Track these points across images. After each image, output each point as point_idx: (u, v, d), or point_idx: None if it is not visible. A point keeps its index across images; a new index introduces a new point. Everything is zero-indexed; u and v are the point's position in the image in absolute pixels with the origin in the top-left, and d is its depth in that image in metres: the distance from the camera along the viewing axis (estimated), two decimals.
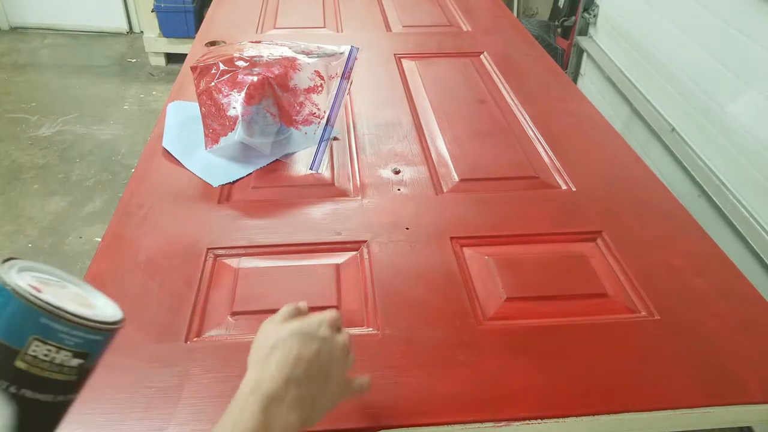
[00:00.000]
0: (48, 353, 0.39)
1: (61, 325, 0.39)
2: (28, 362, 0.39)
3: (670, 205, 0.95)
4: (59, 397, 0.42)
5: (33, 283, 0.41)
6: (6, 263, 0.41)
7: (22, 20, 3.72)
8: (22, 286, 0.39)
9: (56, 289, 0.43)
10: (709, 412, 0.64)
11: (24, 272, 0.42)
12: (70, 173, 2.47)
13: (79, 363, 0.41)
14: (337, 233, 0.86)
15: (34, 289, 0.40)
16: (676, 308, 0.75)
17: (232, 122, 0.98)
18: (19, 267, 0.42)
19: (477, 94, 1.26)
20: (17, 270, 0.41)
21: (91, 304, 0.44)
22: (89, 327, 0.41)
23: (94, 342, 0.42)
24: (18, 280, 0.40)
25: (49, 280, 0.44)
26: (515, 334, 0.71)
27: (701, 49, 1.68)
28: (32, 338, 0.39)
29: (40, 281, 0.42)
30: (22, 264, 0.43)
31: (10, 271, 0.41)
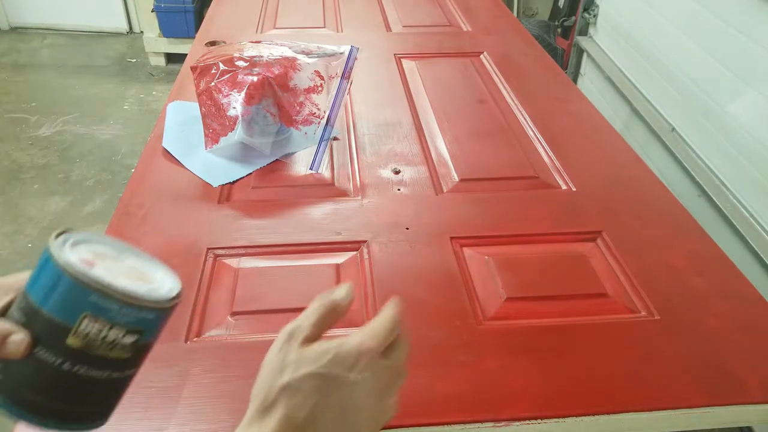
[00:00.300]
0: (100, 331, 0.39)
1: (111, 303, 0.38)
2: (80, 339, 0.38)
3: (670, 205, 0.95)
4: (115, 374, 0.41)
5: (87, 257, 0.40)
6: (59, 237, 0.40)
7: (22, 20, 3.72)
8: (72, 263, 0.38)
9: (111, 262, 0.41)
10: (709, 412, 0.64)
11: (78, 245, 0.41)
12: (70, 173, 2.47)
13: (134, 340, 0.40)
14: (337, 233, 0.86)
15: (86, 264, 0.39)
16: (676, 308, 0.75)
17: (232, 122, 0.98)
18: (73, 240, 0.41)
19: (477, 94, 1.26)
20: (71, 244, 0.40)
21: (148, 278, 0.42)
22: (141, 305, 0.39)
23: (147, 320, 0.40)
24: (70, 256, 0.39)
25: (106, 252, 0.42)
26: (515, 334, 0.71)
27: (701, 49, 1.68)
28: (83, 316, 0.38)
29: (95, 254, 0.41)
30: (76, 237, 0.41)
31: (63, 246, 0.40)
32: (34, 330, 0.39)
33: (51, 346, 0.39)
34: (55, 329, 0.39)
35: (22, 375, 0.40)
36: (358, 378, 0.40)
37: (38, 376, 0.40)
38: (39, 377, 0.40)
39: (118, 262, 0.42)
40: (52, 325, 0.39)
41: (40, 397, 0.40)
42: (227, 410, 0.61)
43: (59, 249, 0.39)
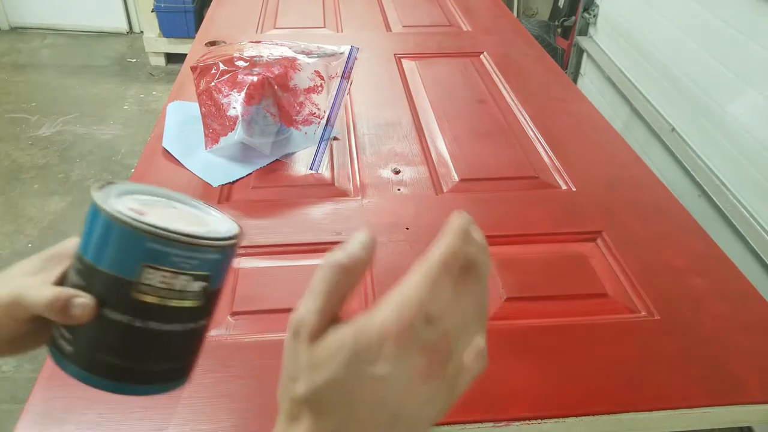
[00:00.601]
0: (164, 280, 0.36)
1: (171, 248, 0.35)
2: (145, 292, 0.36)
3: (670, 205, 0.95)
4: (189, 325, 0.38)
5: (135, 206, 0.37)
6: (103, 189, 0.37)
7: (22, 20, 3.72)
8: (121, 211, 0.36)
9: (162, 209, 0.39)
10: (709, 412, 0.64)
11: (124, 196, 0.38)
12: (70, 173, 2.47)
13: (202, 286, 0.37)
14: (337, 233, 0.86)
15: (135, 212, 0.36)
16: (676, 308, 0.75)
17: (232, 122, 0.98)
18: (118, 191, 0.38)
19: (477, 94, 1.26)
20: (116, 195, 0.38)
21: (203, 221, 0.40)
22: (203, 245, 0.36)
23: (212, 261, 0.38)
24: (117, 205, 0.36)
25: (155, 201, 0.40)
26: (515, 334, 0.71)
27: (701, 49, 1.68)
28: (143, 266, 0.36)
29: (143, 204, 0.38)
30: (121, 188, 0.39)
31: (107, 196, 0.37)
32: (96, 291, 0.37)
33: (117, 304, 0.37)
34: (117, 285, 0.36)
35: (94, 340, 0.38)
36: (386, 371, 0.30)
37: (110, 337, 0.37)
38: (111, 339, 0.37)
39: (168, 208, 0.40)
40: (114, 282, 0.36)
41: (118, 360, 0.37)
42: (227, 410, 0.61)
43: (105, 200, 0.37)
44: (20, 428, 0.59)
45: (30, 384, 0.63)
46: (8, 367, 1.70)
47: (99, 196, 0.37)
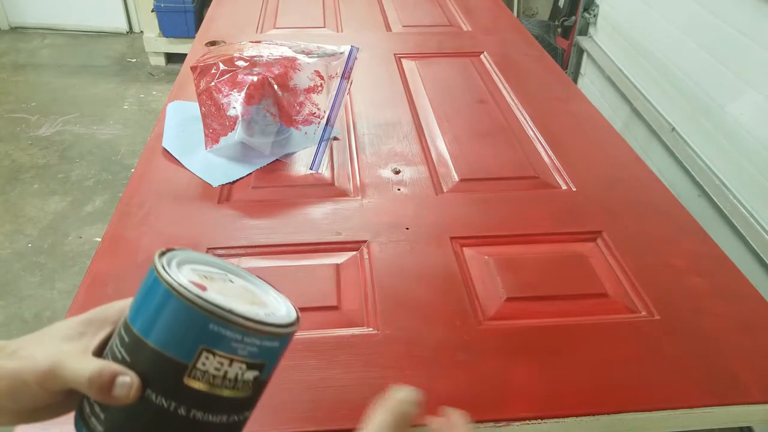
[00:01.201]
0: (220, 366, 0.33)
1: (233, 332, 0.33)
2: (198, 378, 0.33)
3: (670, 205, 0.95)
4: (233, 417, 0.35)
5: (195, 279, 0.35)
6: (164, 256, 0.35)
7: (22, 20, 3.72)
8: (185, 285, 0.33)
9: (221, 284, 0.36)
10: (709, 412, 0.64)
11: (184, 266, 0.36)
12: (70, 173, 2.47)
13: (255, 375, 0.34)
14: (337, 233, 0.86)
15: (197, 287, 0.33)
16: (676, 308, 0.75)
17: (232, 122, 0.98)
18: (178, 260, 0.36)
19: (477, 94, 1.26)
20: (177, 263, 0.35)
21: (261, 301, 0.37)
22: (265, 332, 0.34)
23: (270, 349, 0.35)
24: (180, 277, 0.33)
25: (211, 273, 0.37)
26: (515, 334, 0.71)
27: (701, 49, 1.68)
28: (201, 348, 0.32)
29: (201, 275, 0.36)
30: (181, 255, 0.36)
31: (169, 265, 0.34)
32: (141, 368, 0.33)
33: (163, 388, 0.33)
34: (167, 367, 0.33)
35: (129, 424, 0.34)
36: None
37: (148, 423, 0.34)
38: (149, 425, 0.34)
39: (226, 283, 0.37)
40: (164, 362, 0.33)
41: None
42: None
43: (166, 269, 0.34)
44: (20, 428, 0.58)
45: None
46: None
47: (161, 264, 0.34)
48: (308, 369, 0.65)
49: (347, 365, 0.66)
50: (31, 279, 1.94)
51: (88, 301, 0.73)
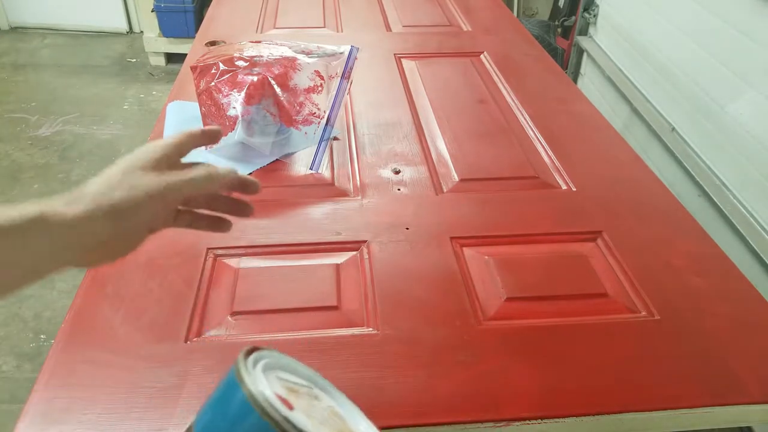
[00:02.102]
0: None
1: None
2: None
3: (670, 205, 0.95)
4: None
5: (281, 392, 0.30)
6: (250, 357, 0.31)
7: (22, 20, 3.72)
8: (269, 400, 0.28)
9: (307, 402, 0.32)
10: (709, 412, 0.64)
11: (270, 372, 0.31)
12: (70, 173, 2.47)
13: None
14: (337, 233, 0.86)
15: (283, 404, 0.29)
16: (676, 308, 0.75)
17: (232, 122, 0.98)
18: (265, 363, 0.31)
19: (477, 94, 1.26)
20: (263, 369, 0.31)
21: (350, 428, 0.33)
22: None
23: None
24: (266, 389, 0.29)
25: (298, 385, 0.33)
26: (515, 334, 0.71)
27: (701, 49, 1.68)
28: None
29: (289, 388, 0.31)
30: (268, 359, 0.32)
31: (254, 370, 0.30)
32: None
33: None
34: None
35: None
36: None
37: None
38: None
39: (313, 402, 0.33)
40: None
41: None
42: None
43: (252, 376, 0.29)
44: (20, 428, 0.59)
45: (30, 384, 0.63)
46: (8, 367, 1.70)
47: (245, 366, 0.30)
48: None
49: (347, 365, 0.66)
50: None
51: (87, 301, 0.73)
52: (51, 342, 1.10)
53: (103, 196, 0.44)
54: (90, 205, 0.43)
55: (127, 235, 0.46)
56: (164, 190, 0.46)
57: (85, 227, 0.42)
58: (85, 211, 0.43)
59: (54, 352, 0.67)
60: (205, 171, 0.50)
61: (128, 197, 0.44)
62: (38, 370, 0.65)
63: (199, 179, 0.49)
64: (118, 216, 0.44)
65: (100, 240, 0.44)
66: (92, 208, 0.43)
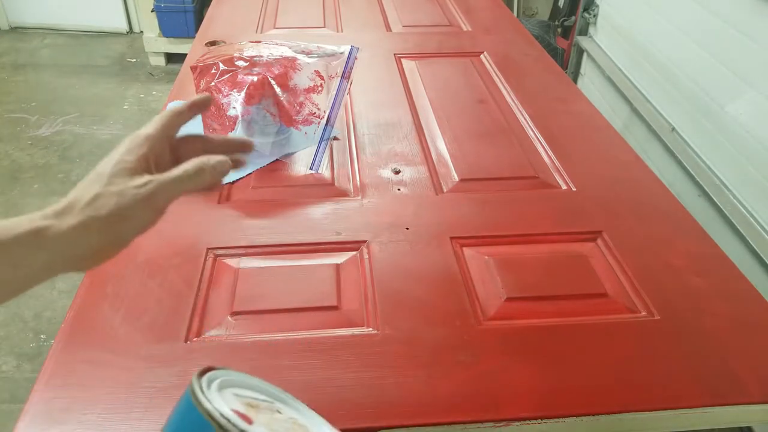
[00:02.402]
0: None
1: None
2: None
3: (670, 205, 0.95)
4: None
5: (239, 408, 0.30)
6: (204, 376, 0.30)
7: (22, 20, 3.72)
8: (227, 416, 0.28)
9: (268, 416, 0.31)
10: (709, 412, 0.64)
11: (226, 390, 0.31)
12: (70, 173, 2.47)
13: None
14: (337, 233, 0.86)
15: (242, 420, 0.28)
16: (676, 308, 0.75)
17: (232, 122, 0.98)
18: (220, 381, 0.31)
19: (477, 94, 1.26)
20: (218, 387, 0.30)
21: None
22: None
23: None
24: (222, 407, 0.29)
25: (257, 400, 0.32)
26: (515, 334, 0.71)
27: (701, 49, 1.68)
28: None
29: (248, 404, 0.31)
30: (223, 377, 0.31)
31: (209, 389, 0.30)
32: None
33: None
34: None
35: None
36: None
37: None
38: None
39: (274, 415, 0.32)
40: None
41: None
42: None
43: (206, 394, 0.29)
44: (20, 428, 0.59)
45: (30, 384, 0.63)
46: (8, 367, 1.70)
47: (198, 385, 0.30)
48: (308, 369, 0.65)
49: (347, 365, 0.66)
50: None
51: (87, 301, 0.73)
52: (51, 342, 1.11)
53: (91, 209, 0.44)
54: (81, 218, 0.43)
55: (119, 241, 0.46)
56: (153, 195, 0.46)
57: (79, 239, 0.43)
58: (78, 224, 0.43)
59: (54, 352, 0.67)
60: (194, 165, 0.48)
61: (117, 207, 0.44)
62: (38, 370, 0.65)
63: (190, 175, 0.47)
64: (109, 227, 0.44)
65: (94, 249, 0.44)
66: (84, 220, 0.43)
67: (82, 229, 0.43)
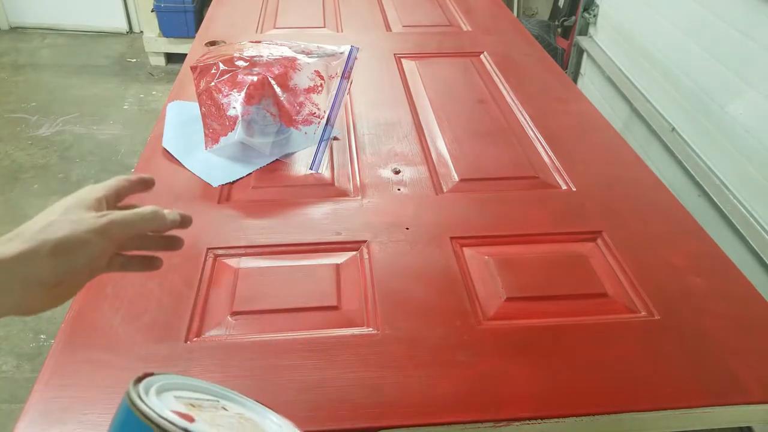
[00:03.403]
0: None
1: None
2: None
3: (670, 205, 0.95)
4: None
5: (180, 409, 0.29)
6: (140, 383, 0.30)
7: (22, 20, 3.72)
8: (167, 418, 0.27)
9: (212, 413, 0.31)
10: (709, 412, 0.64)
11: (164, 393, 0.31)
12: (70, 173, 2.47)
13: None
14: (337, 233, 0.86)
15: (184, 419, 0.28)
16: (676, 308, 0.75)
17: (232, 122, 0.98)
18: (158, 386, 0.31)
19: (477, 94, 1.26)
20: (156, 391, 0.30)
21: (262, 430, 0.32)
22: None
23: None
24: (162, 410, 0.28)
25: (200, 400, 0.32)
26: (515, 334, 0.71)
27: (701, 49, 1.68)
28: None
29: (188, 404, 0.31)
30: (161, 381, 0.31)
31: (147, 394, 0.29)
32: None
33: None
34: None
35: None
36: None
37: None
38: None
39: (219, 411, 0.32)
40: None
41: None
42: None
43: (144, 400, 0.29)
44: (20, 428, 0.59)
45: (30, 384, 0.63)
46: (8, 367, 1.70)
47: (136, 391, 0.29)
48: (308, 369, 0.65)
49: (347, 365, 0.66)
50: None
51: (87, 301, 0.73)
52: (51, 342, 1.11)
53: (44, 234, 0.43)
54: (31, 242, 0.42)
55: (69, 274, 0.44)
56: (108, 226, 0.46)
57: (27, 265, 0.41)
58: (26, 249, 0.41)
59: (54, 352, 0.67)
60: (150, 209, 0.50)
61: (71, 233, 0.43)
62: (38, 370, 0.65)
63: (145, 215, 0.49)
64: (60, 252, 0.43)
65: (41, 280, 0.42)
66: (33, 245, 0.42)
67: (31, 253, 0.41)
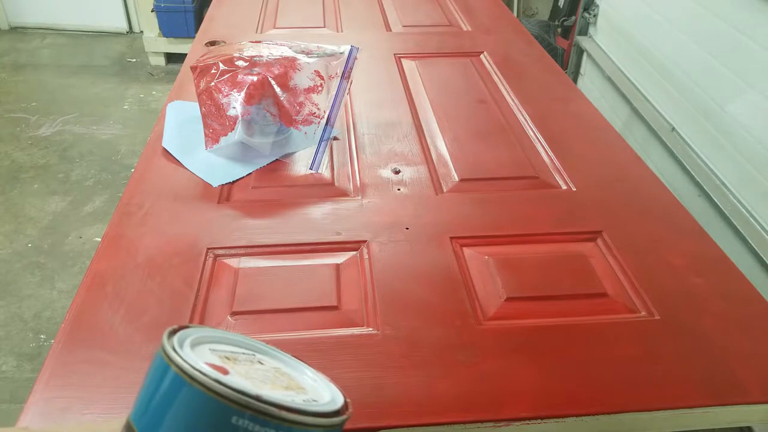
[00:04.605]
0: None
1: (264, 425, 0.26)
2: None
3: (670, 205, 0.95)
4: None
5: (214, 362, 0.29)
6: (174, 336, 0.29)
7: (22, 20, 3.72)
8: (200, 369, 0.27)
9: (247, 366, 0.30)
10: (709, 412, 0.64)
11: (200, 346, 0.30)
12: (70, 173, 2.47)
13: None
14: (337, 233, 0.86)
15: (217, 371, 0.27)
16: (676, 308, 0.75)
17: (232, 122, 0.98)
18: (192, 339, 0.30)
19: (477, 94, 1.26)
20: (191, 344, 0.29)
21: (299, 385, 0.31)
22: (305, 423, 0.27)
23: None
24: (195, 360, 0.28)
25: (235, 354, 0.31)
26: (515, 334, 0.71)
27: (701, 49, 1.68)
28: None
29: (223, 357, 0.30)
30: (196, 334, 0.30)
31: (181, 346, 0.28)
32: None
33: None
34: None
35: None
36: None
37: None
38: None
39: (254, 365, 0.31)
40: None
41: None
42: None
43: (179, 351, 0.28)
44: (24, 420, 0.58)
45: (30, 384, 0.63)
46: (8, 367, 1.70)
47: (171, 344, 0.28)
48: None
49: (347, 365, 0.66)
50: (31, 279, 1.94)
51: (87, 301, 0.73)
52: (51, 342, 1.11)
53: None
54: None
55: None
56: None
57: None
58: None
59: (54, 352, 0.67)
60: None
61: None
62: (38, 370, 0.65)
63: None
64: None
65: None
66: None
67: None
